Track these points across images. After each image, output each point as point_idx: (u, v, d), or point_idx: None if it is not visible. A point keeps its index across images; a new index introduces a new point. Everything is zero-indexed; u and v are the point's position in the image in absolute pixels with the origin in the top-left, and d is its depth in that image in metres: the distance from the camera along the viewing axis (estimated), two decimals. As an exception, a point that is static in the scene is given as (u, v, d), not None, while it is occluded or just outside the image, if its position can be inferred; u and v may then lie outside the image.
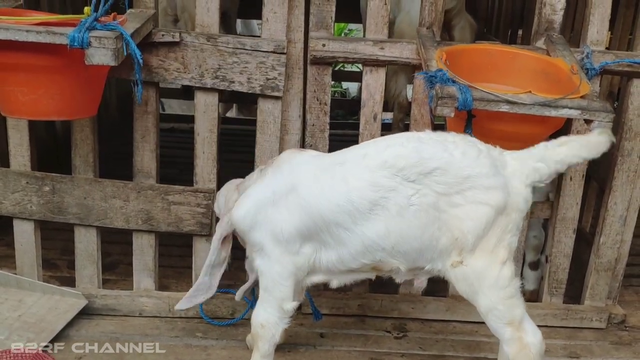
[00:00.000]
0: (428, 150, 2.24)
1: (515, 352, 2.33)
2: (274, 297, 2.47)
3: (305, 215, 2.35)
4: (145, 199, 3.00)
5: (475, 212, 2.23)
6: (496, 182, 2.23)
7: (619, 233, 3.15)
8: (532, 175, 2.27)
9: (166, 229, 3.05)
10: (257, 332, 2.55)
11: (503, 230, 2.26)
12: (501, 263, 2.27)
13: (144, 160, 3.00)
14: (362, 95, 2.96)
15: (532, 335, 2.34)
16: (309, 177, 2.35)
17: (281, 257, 2.42)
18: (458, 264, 2.30)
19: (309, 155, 2.46)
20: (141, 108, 2.93)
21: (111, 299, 3.12)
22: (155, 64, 2.83)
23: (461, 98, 2.27)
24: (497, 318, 2.32)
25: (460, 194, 2.23)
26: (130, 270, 3.22)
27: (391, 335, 3.13)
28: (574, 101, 2.35)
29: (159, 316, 3.14)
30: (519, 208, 2.26)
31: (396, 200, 2.23)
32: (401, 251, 2.34)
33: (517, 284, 2.33)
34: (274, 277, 2.45)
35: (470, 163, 2.22)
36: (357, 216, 2.28)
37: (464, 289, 2.35)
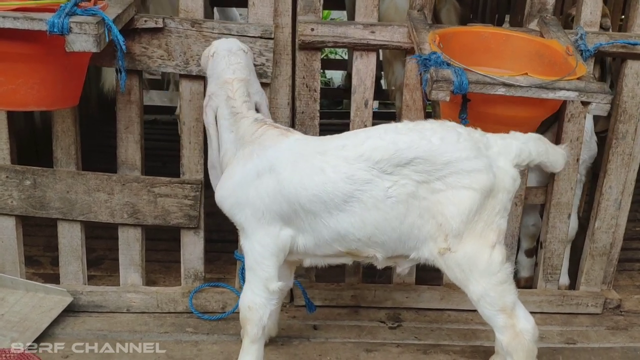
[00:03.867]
0: (404, 140, 2.19)
1: (508, 340, 2.30)
2: (259, 277, 2.41)
3: (284, 201, 2.30)
4: (131, 191, 2.91)
5: (458, 196, 2.19)
6: (478, 164, 2.18)
7: (614, 217, 3.11)
8: (518, 156, 2.24)
9: (153, 222, 2.96)
10: (244, 315, 2.48)
11: (490, 212, 2.22)
12: (491, 247, 2.23)
13: (128, 152, 2.90)
14: (353, 81, 2.88)
15: (525, 322, 2.31)
16: (290, 164, 2.29)
17: (262, 238, 2.37)
18: (445, 250, 2.25)
19: (294, 139, 2.38)
20: (124, 97, 2.83)
21: (97, 296, 3.03)
22: (138, 51, 2.73)
23: (456, 81, 2.21)
24: (489, 305, 2.28)
25: (440, 180, 2.19)
26: (116, 265, 3.13)
27: (385, 326, 3.07)
28: (571, 83, 2.29)
29: (147, 312, 3.06)
30: (506, 188, 2.22)
31: (372, 193, 2.20)
32: (378, 242, 2.31)
33: (509, 269, 2.29)
34: (256, 257, 2.40)
35: (449, 148, 2.18)
36: (332, 207, 2.25)
37: (455, 276, 2.30)
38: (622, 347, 2.99)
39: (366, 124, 2.91)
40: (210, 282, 3.12)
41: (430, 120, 2.28)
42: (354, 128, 2.92)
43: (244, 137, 2.39)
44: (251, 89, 2.52)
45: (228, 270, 3.39)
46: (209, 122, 2.50)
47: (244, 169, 2.35)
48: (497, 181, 2.19)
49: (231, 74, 2.47)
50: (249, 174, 2.34)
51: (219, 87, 2.48)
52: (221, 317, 3.03)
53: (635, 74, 2.88)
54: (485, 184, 2.17)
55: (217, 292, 3.10)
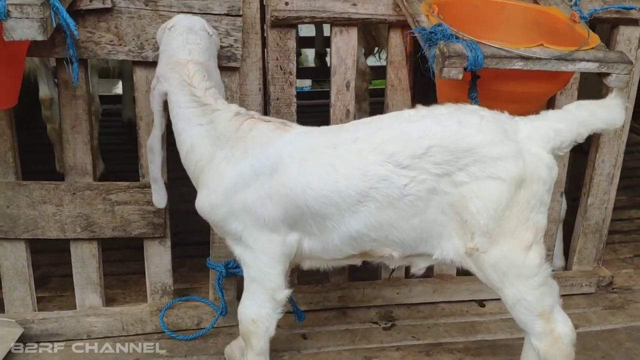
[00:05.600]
0: (417, 127, 1.92)
1: (547, 347, 2.05)
2: (265, 288, 2.13)
3: (290, 205, 2.01)
4: (83, 201, 2.50)
5: (484, 188, 1.90)
6: (505, 150, 1.90)
7: (606, 192, 2.96)
8: (553, 139, 1.96)
9: (111, 234, 2.57)
10: (247, 329, 2.18)
11: (524, 207, 1.93)
12: (526, 248, 1.96)
13: (76, 155, 2.49)
14: (332, 60, 2.57)
15: (564, 325, 2.06)
16: (296, 163, 1.99)
17: (267, 247, 2.08)
18: (474, 251, 1.98)
19: (294, 133, 2.06)
20: (68, 92, 2.41)
21: (52, 323, 2.62)
22: (83, 37, 2.31)
23: (471, 56, 1.94)
24: (526, 310, 2.03)
25: (463, 171, 1.90)
26: (66, 283, 2.74)
27: (379, 326, 2.82)
28: (589, 53, 2.08)
29: (111, 336, 2.67)
30: (541, 178, 1.93)
31: (387, 191, 1.94)
32: (396, 240, 2.04)
33: (548, 270, 2.02)
34: (261, 268, 2.10)
35: (469, 132, 1.90)
36: (344, 208, 1.98)
37: (487, 279, 2.05)
38: (624, 327, 2.87)
39: (348, 108, 2.61)
40: (182, 297, 2.76)
41: (448, 105, 1.99)
42: (334, 113, 2.62)
43: (226, 134, 2.05)
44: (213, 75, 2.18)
45: (195, 279, 3.04)
46: (155, 109, 2.17)
47: (237, 170, 2.01)
48: (529, 170, 1.91)
49: (186, 54, 2.10)
50: (244, 176, 2.01)
51: (170, 69, 2.11)
52: (198, 335, 2.68)
53: (627, 40, 2.71)
54: (514, 173, 1.90)
55: (190, 307, 2.75)
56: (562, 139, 1.97)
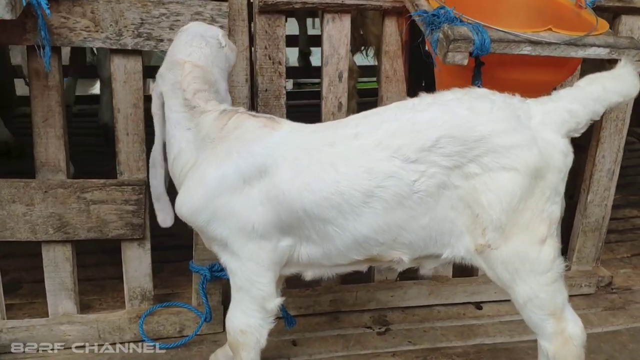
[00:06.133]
0: (424, 117, 1.76)
1: (557, 349, 1.92)
2: (253, 297, 1.96)
3: (283, 210, 1.83)
4: (56, 199, 2.32)
5: (497, 180, 1.77)
6: (520, 138, 1.76)
7: (606, 189, 2.86)
8: (567, 121, 1.81)
9: (86, 236, 2.38)
10: (236, 340, 2.01)
11: (539, 198, 1.80)
12: (540, 241, 1.83)
13: (49, 151, 2.31)
14: (324, 49, 2.42)
15: (574, 325, 1.93)
16: (289, 163, 1.81)
17: (255, 254, 1.91)
18: (484, 247, 1.84)
19: (286, 130, 1.88)
20: (40, 82, 2.23)
21: (22, 332, 2.43)
22: (57, 22, 2.14)
23: (477, 40, 1.81)
24: (538, 309, 1.89)
25: (474, 162, 1.76)
26: (37, 289, 2.55)
27: (373, 331, 2.67)
28: (599, 38, 1.96)
29: (87, 346, 2.49)
30: (556, 167, 1.80)
31: (395, 189, 1.78)
32: (405, 242, 1.88)
33: (561, 265, 1.89)
34: (248, 276, 1.94)
35: (480, 120, 1.75)
36: (347, 210, 1.81)
37: (498, 277, 1.90)
38: (627, 328, 2.76)
39: (341, 100, 2.46)
40: (162, 303, 2.58)
41: (454, 90, 1.83)
42: (326, 106, 2.48)
43: (210, 135, 1.87)
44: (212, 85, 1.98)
45: (176, 284, 2.87)
46: (154, 112, 1.99)
47: (220, 172, 1.84)
48: (544, 158, 1.77)
49: (186, 55, 1.94)
50: (229, 178, 1.83)
51: (167, 69, 1.96)
52: (181, 343, 2.51)
53: (629, 30, 2.61)
54: (529, 163, 1.76)
55: (172, 313, 2.57)
56: (577, 120, 1.82)
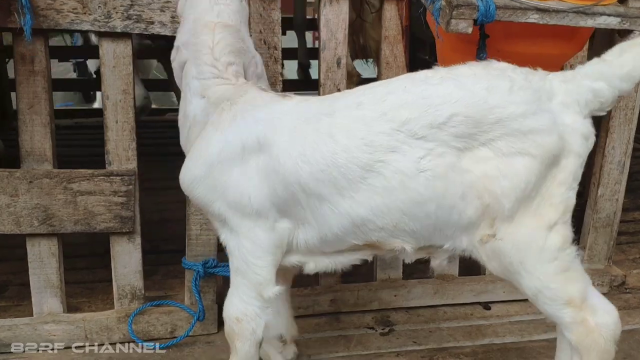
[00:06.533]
0: (438, 92, 1.62)
1: (579, 338, 1.75)
2: (250, 282, 1.83)
3: (279, 182, 1.71)
4: (41, 190, 2.21)
5: (511, 166, 1.63)
6: (539, 122, 1.62)
7: (617, 182, 2.74)
8: (591, 102, 1.67)
9: (73, 228, 2.27)
10: (231, 329, 1.88)
11: (551, 183, 1.67)
12: (547, 228, 1.68)
13: (34, 139, 2.21)
14: (321, 34, 2.33)
15: (604, 314, 1.75)
16: (287, 132, 1.70)
17: (251, 232, 1.78)
18: (489, 238, 1.71)
19: (293, 102, 1.76)
20: (26, 67, 2.14)
21: (4, 331, 2.31)
22: (43, 4, 2.06)
23: (482, 6, 1.72)
24: (550, 300, 1.74)
25: (487, 146, 1.62)
26: (24, 292, 2.45)
27: (375, 332, 2.54)
28: (609, 7, 1.87)
29: (72, 347, 2.36)
30: (575, 151, 1.67)
31: (398, 166, 1.63)
32: (407, 230, 1.73)
33: (572, 252, 1.73)
34: (245, 257, 1.81)
35: (499, 101, 1.60)
36: (344, 186, 1.67)
37: (500, 269, 1.75)
38: (643, 327, 2.62)
39: (339, 87, 2.37)
40: (152, 302, 2.46)
41: (471, 63, 1.70)
42: (324, 94, 2.37)
43: (220, 100, 1.77)
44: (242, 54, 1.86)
45: (170, 286, 2.75)
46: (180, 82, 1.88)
47: (223, 138, 1.73)
48: (563, 144, 1.64)
49: (214, 16, 1.82)
50: (230, 144, 1.72)
51: (193, 35, 1.82)
52: (172, 343, 2.38)
53: None
54: (547, 149, 1.62)
55: (163, 313, 2.45)
56: (602, 100, 1.68)
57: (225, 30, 1.80)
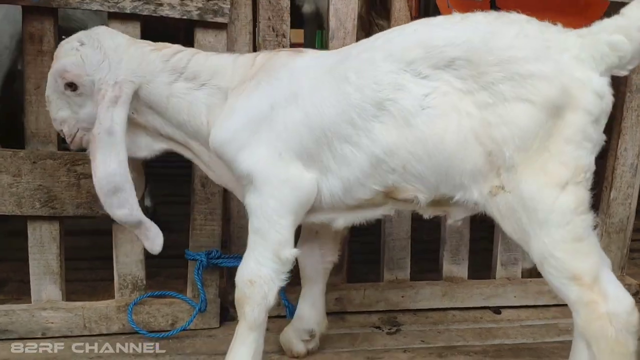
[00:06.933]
0: (444, 35, 1.66)
1: (584, 322, 1.66)
2: (269, 242, 1.80)
3: (306, 131, 1.76)
4: (44, 171, 2.19)
5: (512, 112, 1.61)
6: (541, 68, 1.60)
7: (630, 185, 2.68)
8: (607, 56, 1.63)
9: (75, 212, 2.24)
10: (243, 292, 1.83)
11: (561, 138, 1.62)
12: (557, 185, 1.62)
13: (39, 120, 2.20)
14: (330, 24, 2.34)
15: (616, 302, 1.64)
16: (311, 83, 1.77)
17: (278, 189, 1.79)
18: (498, 189, 1.67)
19: (310, 56, 1.85)
20: (34, 47, 2.15)
21: (1, 317, 2.24)
22: (53, -18, 2.09)
23: (492, -27, 1.71)
24: (555, 270, 1.65)
25: (488, 90, 1.62)
26: (23, 288, 2.39)
27: (382, 331, 2.45)
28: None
29: (70, 336, 2.29)
30: (584, 107, 1.61)
31: (404, 103, 1.68)
32: (415, 174, 1.74)
33: (588, 220, 1.66)
34: (269, 215, 1.79)
35: (502, 44, 1.62)
36: (360, 125, 1.72)
37: (511, 228, 1.70)
38: (660, 333, 2.50)
39: (347, 76, 2.35)
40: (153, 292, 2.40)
41: (487, 12, 1.71)
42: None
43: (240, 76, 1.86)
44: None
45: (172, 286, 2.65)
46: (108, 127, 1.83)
47: (249, 101, 1.79)
48: (568, 95, 1.60)
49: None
50: (257, 106, 1.79)
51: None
52: (172, 333, 2.30)
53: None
54: (548, 97, 1.59)
55: (164, 304, 2.38)
56: (620, 54, 1.63)
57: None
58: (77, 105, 1.90)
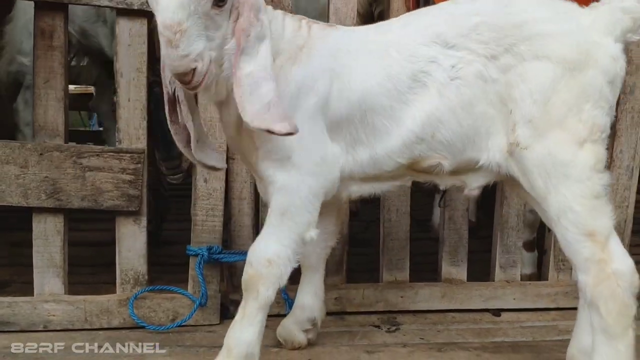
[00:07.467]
0: (467, 7, 1.82)
1: (594, 282, 1.70)
2: (298, 223, 1.83)
3: (344, 101, 1.81)
4: (51, 163, 2.24)
5: (530, 70, 1.72)
6: (557, 27, 1.73)
7: (627, 188, 2.71)
8: (620, 19, 1.73)
9: (80, 204, 2.28)
10: (259, 272, 1.83)
11: (576, 94, 1.70)
12: (577, 142, 1.70)
13: (47, 113, 2.26)
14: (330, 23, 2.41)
15: (622, 263, 1.71)
16: (349, 57, 1.83)
17: (319, 167, 1.82)
18: (514, 146, 1.74)
19: (343, 30, 1.91)
20: (44, 42, 2.22)
21: (3, 309, 2.26)
22: (64, -21, 2.17)
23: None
24: (572, 225, 1.70)
25: (510, 52, 1.74)
26: (25, 288, 2.41)
27: (382, 330, 2.45)
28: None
29: (72, 329, 2.30)
30: (600, 66, 1.70)
31: (436, 75, 1.78)
32: (443, 141, 1.82)
33: (606, 179, 1.73)
34: (304, 195, 1.81)
35: (521, 8, 1.77)
36: (396, 97, 1.80)
37: (531, 184, 1.75)
38: (660, 333, 2.51)
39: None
40: (155, 286, 2.42)
41: None
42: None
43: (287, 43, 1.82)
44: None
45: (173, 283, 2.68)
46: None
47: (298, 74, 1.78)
48: (584, 53, 1.70)
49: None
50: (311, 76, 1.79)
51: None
52: (172, 326, 2.32)
53: None
54: (563, 53, 1.69)
55: (166, 299, 2.40)
56: (634, 16, 1.73)
57: None
58: (214, 28, 1.62)
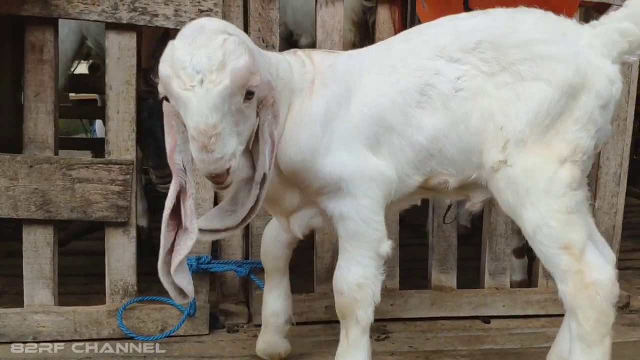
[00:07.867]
0: (469, 23, 1.83)
1: (573, 291, 1.72)
2: (368, 242, 1.85)
3: (367, 120, 1.82)
4: (40, 175, 2.26)
5: (527, 90, 1.74)
6: (559, 50, 1.74)
7: (614, 194, 2.73)
8: (618, 42, 1.75)
9: (69, 215, 2.30)
10: (352, 298, 1.87)
11: (567, 117, 1.73)
12: (557, 160, 1.73)
13: (37, 126, 2.28)
14: (317, 35, 2.45)
15: (599, 271, 1.73)
16: (363, 77, 1.85)
17: (369, 187, 1.82)
18: (501, 164, 1.76)
19: (348, 54, 1.94)
20: (34, 57, 2.25)
21: (-8, 319, 2.28)
22: (54, -7, 2.20)
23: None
24: (548, 239, 1.73)
25: (508, 70, 1.76)
26: (17, 300, 2.41)
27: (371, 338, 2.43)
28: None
29: (61, 340, 2.31)
30: (596, 90, 1.73)
31: (441, 88, 1.80)
32: (448, 157, 1.85)
33: (581, 196, 1.77)
34: (366, 216, 1.83)
35: (521, 28, 1.77)
36: (408, 112, 1.81)
37: (507, 201, 1.78)
38: (648, 339, 2.52)
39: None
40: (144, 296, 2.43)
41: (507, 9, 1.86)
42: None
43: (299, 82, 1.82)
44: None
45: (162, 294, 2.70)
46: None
47: (320, 104, 1.78)
48: (582, 77, 1.72)
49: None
50: (329, 108, 1.79)
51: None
52: (161, 337, 2.33)
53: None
54: (563, 77, 1.71)
55: (155, 309, 2.41)
56: (630, 39, 1.75)
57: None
58: (243, 122, 1.58)
